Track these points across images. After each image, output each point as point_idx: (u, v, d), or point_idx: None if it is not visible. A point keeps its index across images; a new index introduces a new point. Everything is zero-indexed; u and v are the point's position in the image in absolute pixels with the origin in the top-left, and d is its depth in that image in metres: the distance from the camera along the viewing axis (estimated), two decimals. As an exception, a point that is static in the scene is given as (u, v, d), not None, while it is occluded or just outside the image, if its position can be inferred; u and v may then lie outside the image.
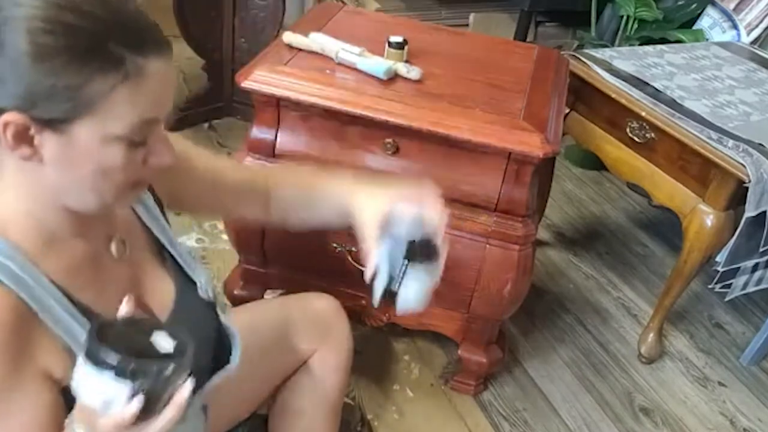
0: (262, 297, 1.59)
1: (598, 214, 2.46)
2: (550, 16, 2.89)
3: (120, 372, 0.60)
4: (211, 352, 0.94)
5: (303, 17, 1.70)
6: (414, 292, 0.83)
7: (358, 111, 1.27)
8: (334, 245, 1.41)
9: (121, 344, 0.61)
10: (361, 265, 1.40)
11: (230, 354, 0.95)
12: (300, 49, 1.40)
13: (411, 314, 1.53)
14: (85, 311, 0.73)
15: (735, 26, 2.28)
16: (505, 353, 1.65)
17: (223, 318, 0.96)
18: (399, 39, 1.39)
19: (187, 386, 0.64)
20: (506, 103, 1.33)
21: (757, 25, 2.25)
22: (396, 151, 1.33)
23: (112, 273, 0.80)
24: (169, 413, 0.63)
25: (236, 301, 1.58)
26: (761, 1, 2.24)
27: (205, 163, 0.98)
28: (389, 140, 1.31)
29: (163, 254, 0.89)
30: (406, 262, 0.82)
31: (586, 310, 2.00)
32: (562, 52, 1.70)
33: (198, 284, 0.92)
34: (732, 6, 2.31)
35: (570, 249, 2.25)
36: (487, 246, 1.35)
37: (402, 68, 1.35)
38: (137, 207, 0.87)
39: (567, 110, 1.84)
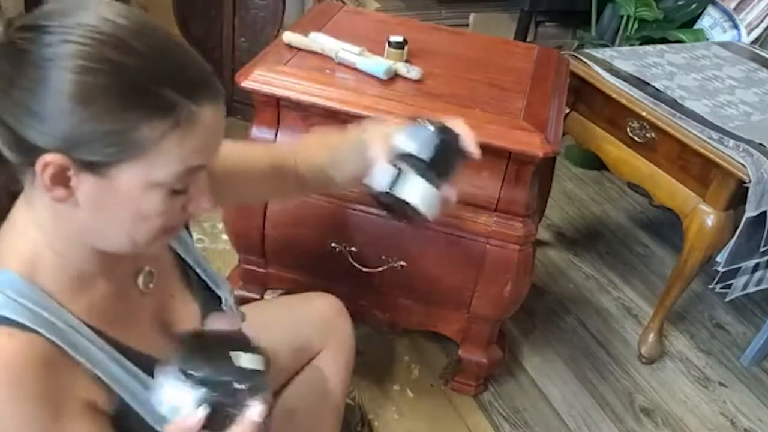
0: (262, 297, 1.59)
1: (598, 214, 2.45)
2: (550, 16, 2.89)
3: (189, 378, 0.61)
4: None
5: (303, 17, 1.70)
6: (420, 191, 0.75)
7: (358, 111, 1.27)
8: (334, 245, 1.41)
9: (199, 355, 0.62)
10: (362, 265, 1.41)
11: None
12: (300, 49, 1.40)
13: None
14: (118, 346, 0.72)
15: (735, 26, 2.28)
16: (505, 353, 1.65)
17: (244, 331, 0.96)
18: (399, 39, 1.38)
19: (258, 408, 0.63)
20: (506, 103, 1.33)
21: (757, 25, 2.25)
22: (396, 151, 1.32)
23: (141, 305, 0.79)
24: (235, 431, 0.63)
25: (236, 302, 1.58)
26: (762, 0, 2.24)
27: (231, 161, 0.93)
28: (389, 140, 1.31)
29: (188, 273, 0.88)
30: (424, 155, 0.74)
31: (587, 311, 2.00)
32: (562, 52, 1.70)
33: (223, 300, 0.91)
34: (733, 6, 2.31)
35: (570, 249, 2.24)
36: (487, 246, 1.35)
37: (402, 68, 1.35)
38: None
39: (567, 110, 1.84)
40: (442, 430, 1.58)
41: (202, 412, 0.61)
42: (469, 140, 0.78)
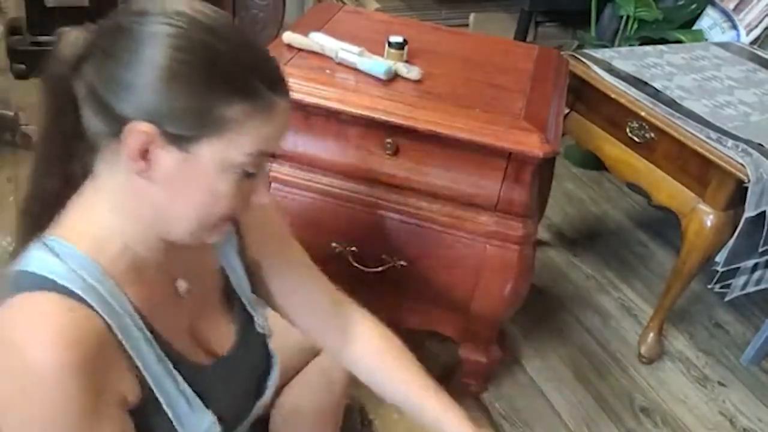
0: (263, 297, 1.59)
1: (598, 214, 2.46)
2: (550, 16, 2.89)
3: None
4: (257, 382, 0.95)
5: (303, 17, 1.70)
6: None
7: (358, 111, 1.27)
8: (334, 245, 1.41)
9: None
10: (362, 265, 1.41)
11: (268, 379, 0.96)
12: (300, 49, 1.40)
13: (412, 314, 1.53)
14: (159, 339, 0.73)
15: (734, 26, 2.28)
16: (505, 353, 1.65)
17: (271, 348, 0.96)
18: (399, 39, 1.39)
19: None
20: (506, 103, 1.33)
21: (756, 26, 2.25)
22: (396, 151, 1.33)
23: (179, 308, 0.80)
24: None
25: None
26: (761, 1, 2.24)
27: (303, 268, 0.98)
28: (389, 140, 1.31)
29: (228, 292, 0.89)
30: None
31: (586, 310, 2.00)
32: (562, 52, 1.70)
33: (256, 319, 0.92)
34: (732, 6, 2.31)
35: (570, 249, 2.24)
36: (487, 246, 1.35)
37: (402, 68, 1.35)
38: (217, 247, 0.87)
39: (567, 110, 1.84)
40: (442, 430, 1.59)
41: None
42: None
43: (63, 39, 0.66)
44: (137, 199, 0.69)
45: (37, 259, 0.67)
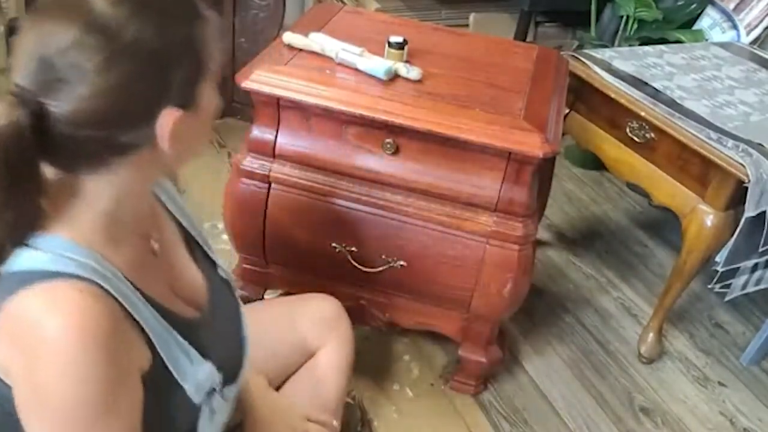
0: (262, 297, 1.59)
1: (598, 214, 2.46)
2: (550, 16, 2.89)
3: None
4: (237, 331, 0.96)
5: (303, 17, 1.70)
6: None
7: (358, 111, 1.27)
8: (334, 245, 1.41)
9: None
10: (362, 265, 1.41)
11: (242, 328, 0.98)
12: (300, 49, 1.40)
13: (411, 315, 1.53)
14: (151, 301, 0.74)
15: (735, 26, 2.28)
16: (505, 353, 1.66)
17: (237, 296, 0.99)
18: (399, 39, 1.39)
19: None
20: (506, 103, 1.33)
21: (756, 26, 2.25)
22: (396, 151, 1.33)
23: (157, 267, 0.81)
24: None
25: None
26: (761, 1, 2.24)
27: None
28: (389, 140, 1.31)
29: (188, 240, 0.91)
30: None
31: (586, 310, 2.00)
32: (561, 53, 1.70)
33: (218, 265, 0.95)
34: (732, 6, 2.31)
35: (570, 249, 2.25)
36: (487, 246, 1.35)
37: (402, 68, 1.35)
38: (162, 197, 0.89)
39: (567, 110, 1.84)
40: (441, 430, 1.59)
41: None
42: None
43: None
44: (153, 171, 0.74)
45: (21, 258, 0.65)
